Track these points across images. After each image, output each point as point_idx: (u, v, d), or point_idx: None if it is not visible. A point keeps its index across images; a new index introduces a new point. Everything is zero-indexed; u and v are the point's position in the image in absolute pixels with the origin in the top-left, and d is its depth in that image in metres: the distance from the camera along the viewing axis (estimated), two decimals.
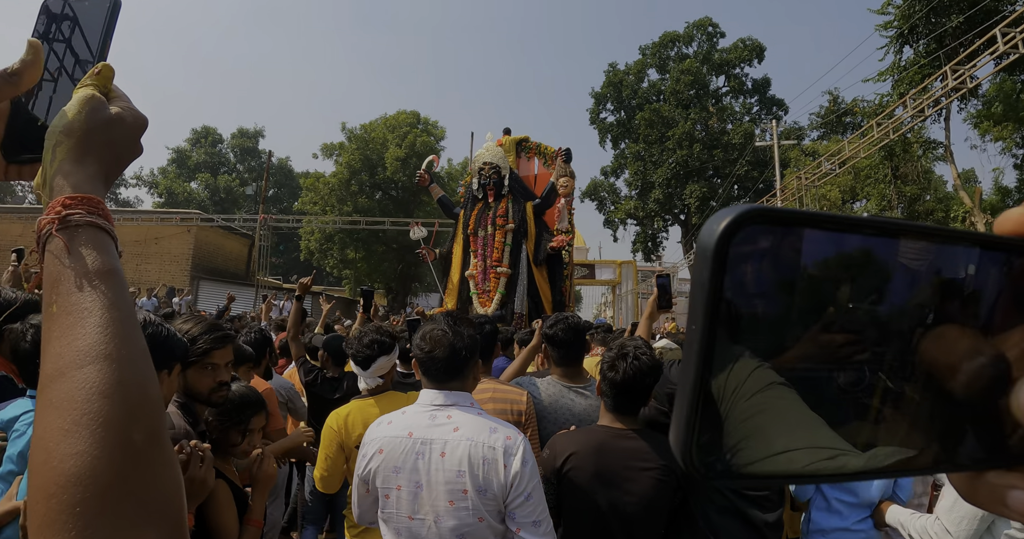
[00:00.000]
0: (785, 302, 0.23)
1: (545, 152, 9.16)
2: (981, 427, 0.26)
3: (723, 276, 0.22)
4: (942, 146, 20.04)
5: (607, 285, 24.73)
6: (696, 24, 30.40)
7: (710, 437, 0.23)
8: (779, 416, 0.24)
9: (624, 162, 31.38)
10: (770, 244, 0.23)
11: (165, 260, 26.31)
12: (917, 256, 0.25)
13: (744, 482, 0.24)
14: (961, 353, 0.25)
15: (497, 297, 7.95)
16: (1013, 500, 0.26)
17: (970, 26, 16.36)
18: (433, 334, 1.88)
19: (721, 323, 0.22)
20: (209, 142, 45.83)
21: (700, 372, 0.22)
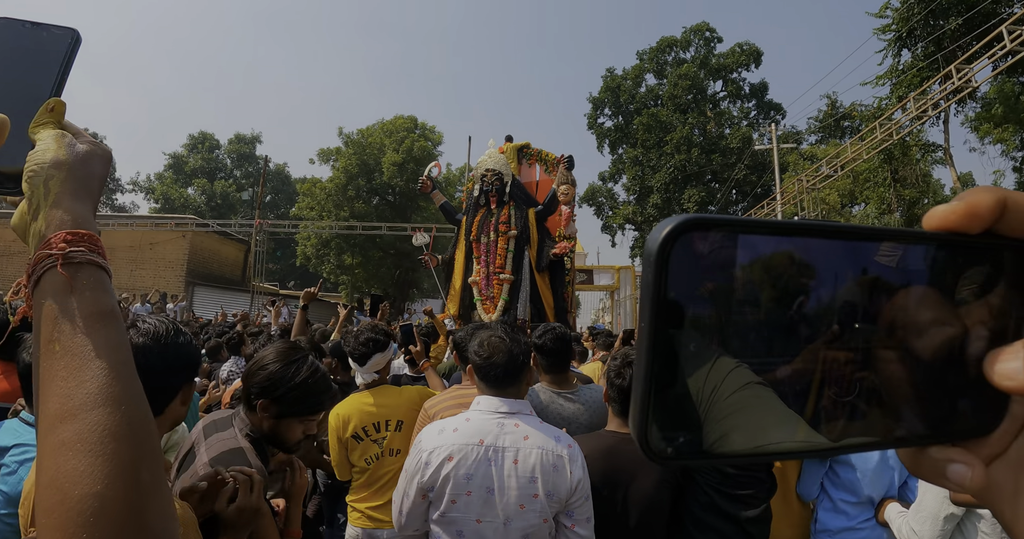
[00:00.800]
0: (726, 300, 0.25)
1: (547, 159, 9.28)
2: (924, 405, 0.28)
3: (665, 278, 0.24)
4: (941, 149, 20.03)
5: (605, 291, 24.60)
6: (693, 29, 30.48)
7: (665, 423, 0.25)
8: (752, 414, 0.26)
9: (622, 167, 31.38)
10: (708, 248, 0.25)
11: (160, 266, 26.13)
12: (847, 254, 0.27)
13: (709, 461, 0.26)
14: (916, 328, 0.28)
15: (501, 303, 8.03)
16: (952, 472, 0.29)
17: (969, 29, 16.33)
18: (492, 341, 1.99)
19: (665, 319, 0.25)
20: (206, 148, 45.82)
21: (649, 363, 0.25)
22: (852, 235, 0.27)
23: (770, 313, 0.26)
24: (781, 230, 0.26)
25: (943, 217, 0.28)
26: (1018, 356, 0.27)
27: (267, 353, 1.68)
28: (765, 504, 2.26)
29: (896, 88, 18.86)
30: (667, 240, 0.25)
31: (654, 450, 0.25)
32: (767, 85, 30.66)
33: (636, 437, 0.25)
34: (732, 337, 0.26)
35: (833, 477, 2.53)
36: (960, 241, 0.28)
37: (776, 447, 0.27)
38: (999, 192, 0.27)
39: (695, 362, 0.25)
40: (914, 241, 0.28)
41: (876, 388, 0.28)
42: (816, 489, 2.52)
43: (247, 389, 1.64)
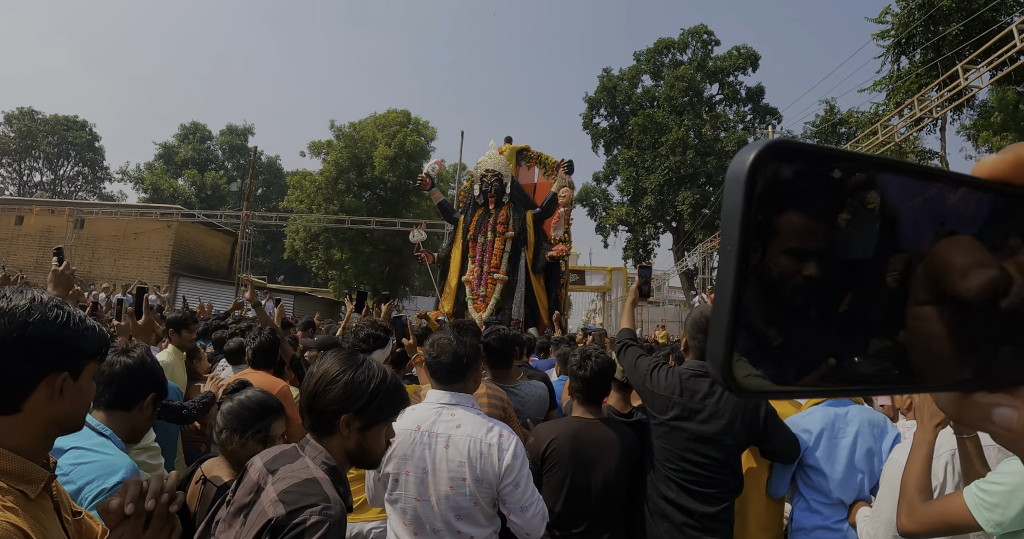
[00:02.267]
0: (810, 227, 0.26)
1: (546, 162, 9.45)
2: (971, 350, 0.29)
3: (753, 199, 0.25)
4: (937, 157, 19.90)
5: (597, 292, 24.34)
6: (691, 31, 30.40)
7: (749, 353, 0.25)
8: (827, 347, 0.27)
9: (617, 168, 31.26)
10: (794, 174, 0.25)
11: (144, 256, 25.77)
12: (914, 192, 0.28)
13: (790, 393, 0.27)
14: (962, 271, 0.28)
15: (492, 303, 8.19)
16: (998, 416, 0.30)
17: (967, 36, 16.19)
18: (440, 342, 2.22)
19: (752, 241, 0.25)
20: (197, 138, 45.43)
21: (736, 288, 0.25)
22: (923, 174, 0.28)
23: (846, 245, 0.27)
24: (861, 162, 0.27)
25: (992, 166, 0.29)
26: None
27: (328, 366, 1.57)
28: (727, 504, 2.42)
29: (893, 94, 18.74)
30: (756, 162, 0.25)
31: (737, 382, 0.25)
32: (764, 89, 30.68)
33: (718, 368, 0.25)
34: (814, 265, 0.26)
35: (805, 478, 2.62)
36: (1012, 191, 0.29)
37: (848, 381, 0.28)
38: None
39: (778, 290, 0.25)
40: (975, 187, 0.29)
41: (929, 331, 0.28)
42: (785, 487, 2.62)
43: (321, 412, 1.53)
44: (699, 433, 2.34)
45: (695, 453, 2.35)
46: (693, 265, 26.35)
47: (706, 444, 2.34)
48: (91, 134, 45.36)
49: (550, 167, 9.30)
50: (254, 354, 3.44)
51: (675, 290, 33.89)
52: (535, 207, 8.77)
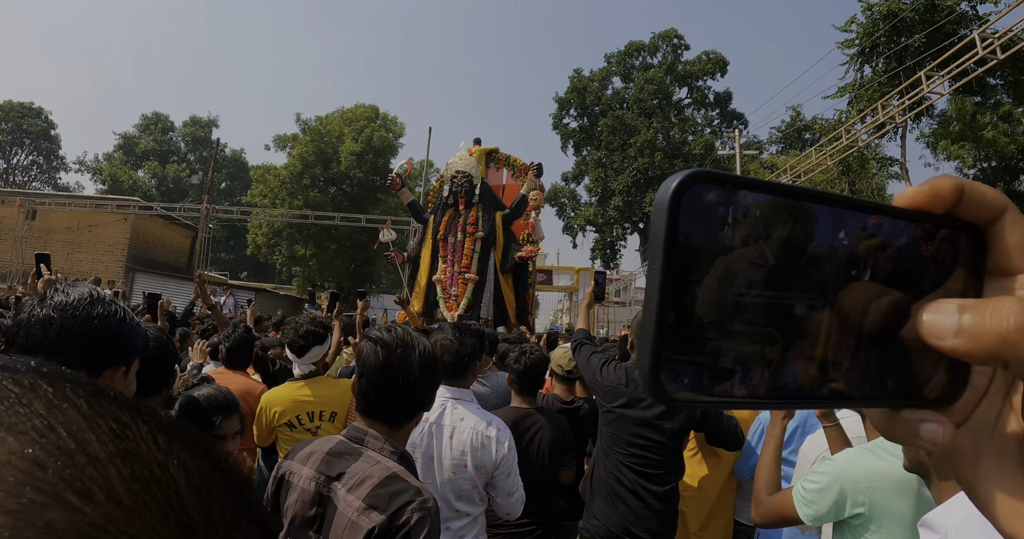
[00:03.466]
0: (728, 248, 0.28)
1: (515, 164, 9.67)
2: (896, 370, 0.32)
3: (675, 224, 0.27)
4: (897, 163, 20.31)
5: (564, 291, 24.28)
6: (662, 35, 30.64)
7: (673, 366, 0.27)
8: (748, 360, 0.29)
9: (585, 168, 31.38)
10: (714, 200, 0.27)
11: (99, 249, 24.87)
12: (834, 220, 0.30)
13: (712, 404, 0.28)
14: (874, 299, 0.31)
15: (464, 302, 8.38)
16: (925, 431, 0.32)
17: (929, 46, 16.50)
18: (443, 343, 2.41)
19: (674, 263, 0.27)
20: (159, 129, 44.22)
21: (659, 305, 0.26)
22: (838, 203, 0.30)
23: (763, 266, 0.28)
24: (778, 191, 0.29)
25: (911, 196, 0.32)
26: (942, 310, 0.30)
27: (423, 346, 1.60)
28: (672, 485, 2.76)
29: (856, 101, 19.06)
30: (679, 189, 0.27)
31: (665, 391, 0.27)
32: (731, 94, 31.18)
33: (646, 379, 0.27)
34: (731, 284, 0.28)
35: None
36: (927, 219, 0.32)
37: (767, 395, 0.29)
38: (958, 179, 0.31)
39: (699, 305, 0.27)
40: (891, 216, 0.31)
41: (854, 349, 0.30)
42: (749, 472, 2.79)
43: (408, 403, 1.56)
44: (642, 418, 2.69)
45: (640, 437, 2.70)
46: None
47: (648, 428, 2.68)
48: (47, 122, 43.70)
49: (519, 169, 9.47)
50: (229, 353, 3.44)
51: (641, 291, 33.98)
52: (504, 208, 8.89)
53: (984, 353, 0.28)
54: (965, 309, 0.29)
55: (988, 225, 0.32)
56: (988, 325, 0.28)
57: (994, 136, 17.45)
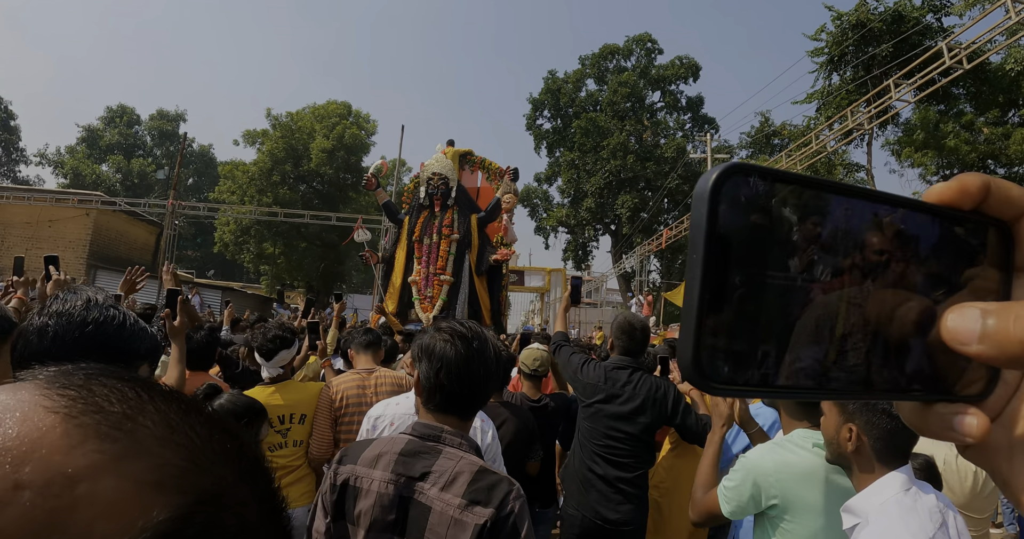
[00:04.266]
0: (766, 240, 0.28)
1: (489, 167, 9.79)
2: (930, 365, 0.32)
3: (716, 214, 0.27)
4: (864, 169, 20.68)
5: (536, 292, 24.20)
6: (636, 39, 30.84)
7: (713, 353, 0.27)
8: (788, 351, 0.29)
9: (558, 169, 31.45)
10: (751, 191, 0.28)
11: (59, 245, 24.04)
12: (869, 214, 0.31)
13: (750, 392, 0.29)
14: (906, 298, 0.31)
15: (439, 303, 8.49)
16: (959, 423, 0.32)
17: (895, 56, 16.82)
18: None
19: (714, 252, 0.27)
20: (124, 122, 43.08)
21: (700, 292, 0.27)
22: (871, 197, 0.31)
23: (800, 257, 0.29)
24: (813, 184, 0.29)
25: (940, 192, 0.32)
26: (966, 315, 0.30)
27: (488, 351, 1.57)
28: (640, 471, 2.98)
29: (824, 108, 19.39)
30: (718, 181, 0.27)
31: (705, 378, 0.27)
32: (703, 99, 31.53)
33: (687, 367, 0.27)
34: (769, 275, 0.28)
35: None
36: (956, 215, 0.32)
37: (807, 386, 0.30)
38: (985, 176, 0.32)
39: (739, 295, 0.28)
40: (921, 211, 0.32)
41: (890, 343, 0.31)
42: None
43: (485, 395, 1.59)
44: (617, 413, 2.91)
45: (614, 430, 2.92)
46: (631, 268, 26.59)
47: (623, 421, 2.91)
48: (6, 112, 42.21)
49: (493, 172, 9.60)
50: (189, 355, 3.42)
51: (613, 292, 34.18)
52: (479, 211, 9.01)
53: (1008, 359, 0.29)
54: (989, 314, 0.29)
55: (1015, 221, 0.33)
56: (1012, 331, 0.28)
57: (956, 144, 17.95)
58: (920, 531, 1.35)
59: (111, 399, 0.33)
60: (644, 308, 18.47)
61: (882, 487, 1.46)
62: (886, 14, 18.18)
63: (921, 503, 1.42)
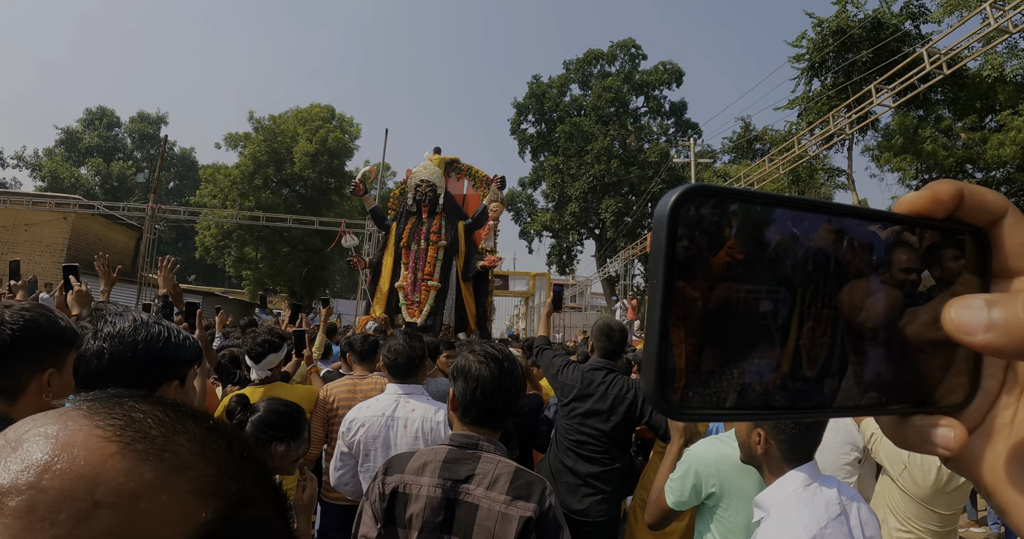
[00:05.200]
0: (728, 260, 0.28)
1: (475, 175, 9.99)
2: (905, 378, 0.32)
3: (675, 237, 0.27)
4: (844, 174, 20.92)
5: (520, 297, 24.13)
6: (620, 44, 30.99)
7: (677, 378, 0.27)
8: (756, 371, 0.29)
9: (542, 174, 31.46)
10: (711, 212, 0.28)
11: (36, 250, 23.67)
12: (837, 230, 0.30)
13: (717, 415, 0.28)
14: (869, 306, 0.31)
15: (427, 308, 8.64)
16: (937, 436, 0.31)
17: (875, 62, 17.00)
18: (396, 347, 2.85)
19: (675, 275, 0.27)
20: (104, 125, 42.47)
21: (662, 318, 0.26)
22: (839, 212, 0.30)
23: (765, 277, 0.29)
24: (777, 203, 0.29)
25: (912, 202, 0.32)
26: (970, 306, 0.29)
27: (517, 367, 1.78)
28: (609, 467, 3.13)
29: (806, 114, 19.56)
30: (676, 203, 0.27)
31: (670, 405, 0.27)
32: (686, 104, 31.63)
33: (651, 393, 0.27)
34: (733, 296, 0.28)
35: None
36: (929, 224, 0.32)
37: (778, 406, 0.29)
38: (958, 183, 0.31)
39: (702, 318, 0.27)
40: (893, 222, 0.32)
41: (862, 357, 0.30)
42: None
43: (516, 407, 1.75)
44: (590, 410, 3.12)
45: (587, 426, 3.12)
46: (615, 272, 26.62)
47: (595, 418, 3.12)
48: None
49: (479, 180, 9.80)
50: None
51: (597, 296, 34.20)
52: (466, 217, 9.20)
53: (1017, 347, 0.28)
54: (994, 303, 0.29)
55: (990, 227, 0.32)
56: (1022, 318, 0.28)
57: (934, 149, 18.17)
58: (812, 522, 1.49)
59: (151, 424, 0.40)
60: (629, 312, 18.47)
61: (785, 483, 1.60)
62: (865, 21, 18.38)
63: (819, 497, 1.55)
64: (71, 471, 0.35)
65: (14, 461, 0.35)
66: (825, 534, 1.46)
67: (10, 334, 1.27)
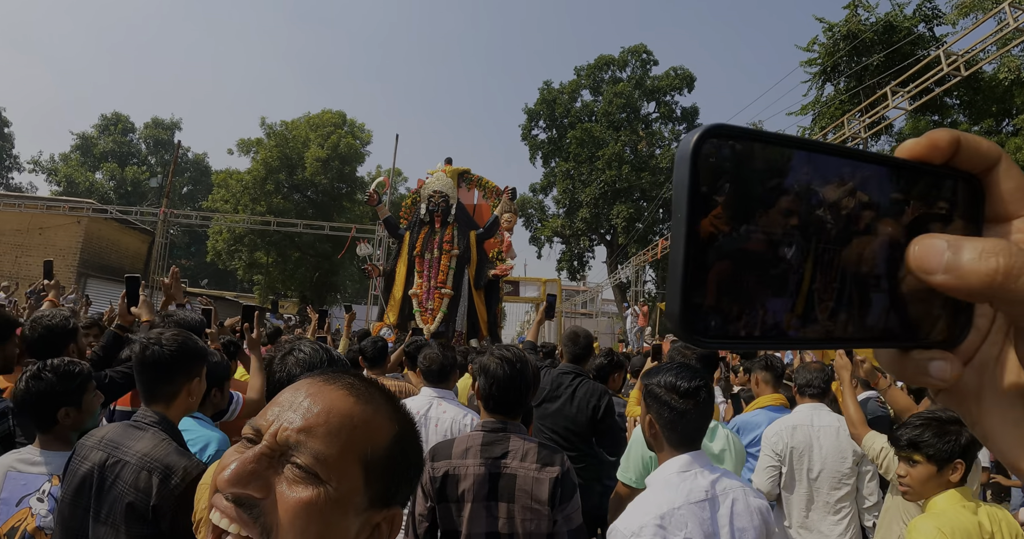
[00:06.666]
0: (747, 197, 0.29)
1: (486, 186, 10.29)
2: (904, 314, 0.34)
3: (697, 174, 0.28)
4: None
5: (531, 303, 24.11)
6: (631, 50, 31.01)
7: (700, 308, 0.28)
8: (771, 302, 0.30)
9: (553, 180, 31.50)
10: (730, 151, 0.29)
11: (49, 253, 23.82)
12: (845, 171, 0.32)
13: (738, 344, 0.30)
14: (882, 245, 0.33)
15: (440, 315, 8.90)
16: (934, 368, 0.33)
17: (887, 66, 16.85)
18: (432, 354, 3.18)
19: (698, 211, 0.28)
20: (119, 130, 42.99)
21: (685, 250, 0.28)
22: (847, 155, 0.32)
23: (779, 214, 0.30)
24: (791, 143, 0.30)
25: (911, 148, 0.34)
26: (933, 245, 0.31)
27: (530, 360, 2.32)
28: (582, 464, 3.37)
29: (819, 119, 19.39)
30: (699, 141, 0.28)
31: (693, 332, 0.28)
32: (698, 109, 31.63)
33: (676, 323, 0.28)
34: (751, 231, 0.29)
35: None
36: (927, 169, 0.34)
37: (791, 337, 0.31)
38: (954, 131, 0.33)
39: (722, 252, 0.29)
40: (894, 166, 0.33)
41: (865, 294, 0.32)
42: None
43: (526, 397, 2.25)
44: (558, 410, 3.50)
45: (557, 425, 3.49)
46: (626, 278, 26.54)
47: (562, 418, 3.49)
48: (0, 119, 42.01)
49: (490, 191, 10.08)
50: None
51: (608, 302, 34.08)
52: (477, 227, 9.49)
53: (968, 290, 0.30)
54: (955, 246, 0.30)
55: (984, 174, 0.34)
56: (977, 264, 0.29)
57: None
58: (665, 502, 1.64)
59: (359, 385, 0.75)
60: (640, 318, 18.42)
61: (665, 466, 1.76)
62: (877, 25, 18.26)
63: (687, 482, 1.69)
64: (339, 409, 0.70)
65: (312, 409, 0.69)
66: (676, 514, 1.61)
67: (169, 354, 1.71)
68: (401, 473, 0.75)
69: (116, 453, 1.60)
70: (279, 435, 0.67)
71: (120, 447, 1.62)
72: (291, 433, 0.67)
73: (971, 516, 1.82)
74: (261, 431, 0.69)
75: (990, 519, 1.83)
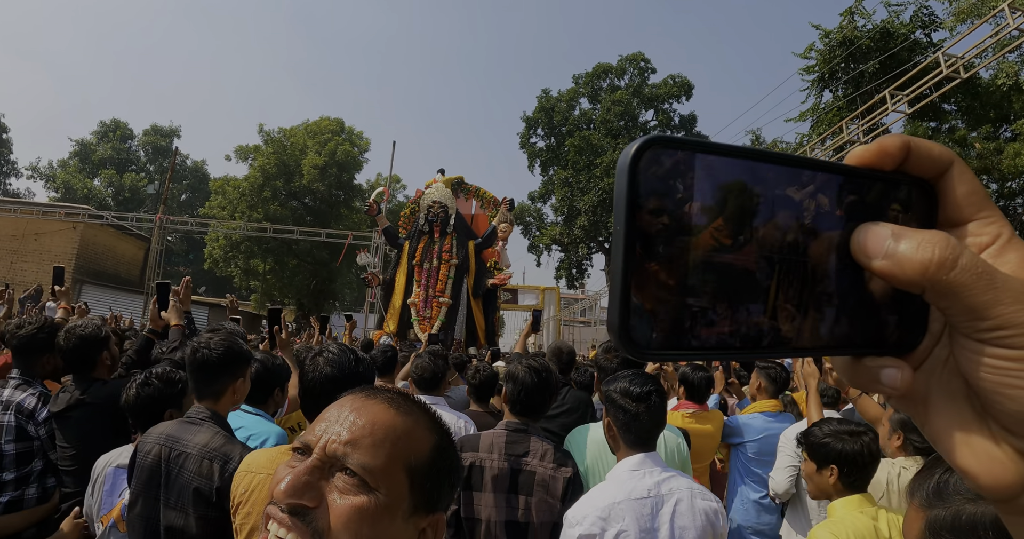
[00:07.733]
0: (686, 207, 0.29)
1: (483, 196, 10.46)
2: (858, 321, 0.34)
3: (636, 185, 0.28)
4: None
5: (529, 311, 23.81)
6: (629, 58, 31.14)
7: (641, 321, 0.28)
8: (714, 312, 0.30)
9: (552, 188, 31.44)
10: (671, 162, 0.29)
11: (45, 258, 23.87)
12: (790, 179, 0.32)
13: (682, 355, 0.30)
14: (821, 252, 0.32)
15: (438, 324, 8.97)
16: (885, 376, 0.33)
17: (884, 72, 16.85)
18: (423, 363, 3.42)
19: (636, 223, 0.28)
20: (118, 137, 43.13)
21: (624, 263, 0.28)
22: (793, 163, 0.32)
23: (722, 224, 0.30)
24: (733, 153, 0.30)
25: (861, 154, 0.34)
26: (877, 232, 0.32)
27: (552, 369, 2.55)
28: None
29: (817, 125, 19.38)
30: (638, 152, 0.28)
31: (635, 345, 0.28)
32: (696, 117, 31.59)
33: (617, 334, 0.28)
34: (692, 242, 0.29)
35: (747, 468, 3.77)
36: (879, 176, 0.34)
37: (737, 347, 0.31)
38: (905, 137, 0.33)
39: (662, 263, 0.28)
40: (844, 174, 0.33)
41: (815, 302, 0.32)
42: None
43: (549, 402, 2.49)
44: (552, 414, 3.65)
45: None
46: None
47: (549, 422, 3.63)
48: None
49: (487, 201, 10.29)
50: None
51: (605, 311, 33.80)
52: (476, 237, 9.66)
53: (904, 278, 0.30)
54: (898, 235, 0.31)
55: (937, 179, 0.34)
56: (915, 254, 0.30)
57: None
58: (609, 497, 1.79)
59: (398, 398, 0.81)
60: None
61: (620, 464, 1.91)
62: (874, 31, 18.26)
63: (634, 481, 1.83)
64: (383, 422, 0.76)
65: (357, 423, 0.75)
66: (616, 508, 1.77)
67: (216, 357, 1.92)
68: (443, 479, 0.80)
69: (177, 447, 1.84)
70: (328, 448, 0.73)
71: (180, 441, 1.85)
72: (339, 445, 0.72)
73: (868, 521, 1.90)
74: (310, 445, 0.74)
75: (888, 524, 1.91)
